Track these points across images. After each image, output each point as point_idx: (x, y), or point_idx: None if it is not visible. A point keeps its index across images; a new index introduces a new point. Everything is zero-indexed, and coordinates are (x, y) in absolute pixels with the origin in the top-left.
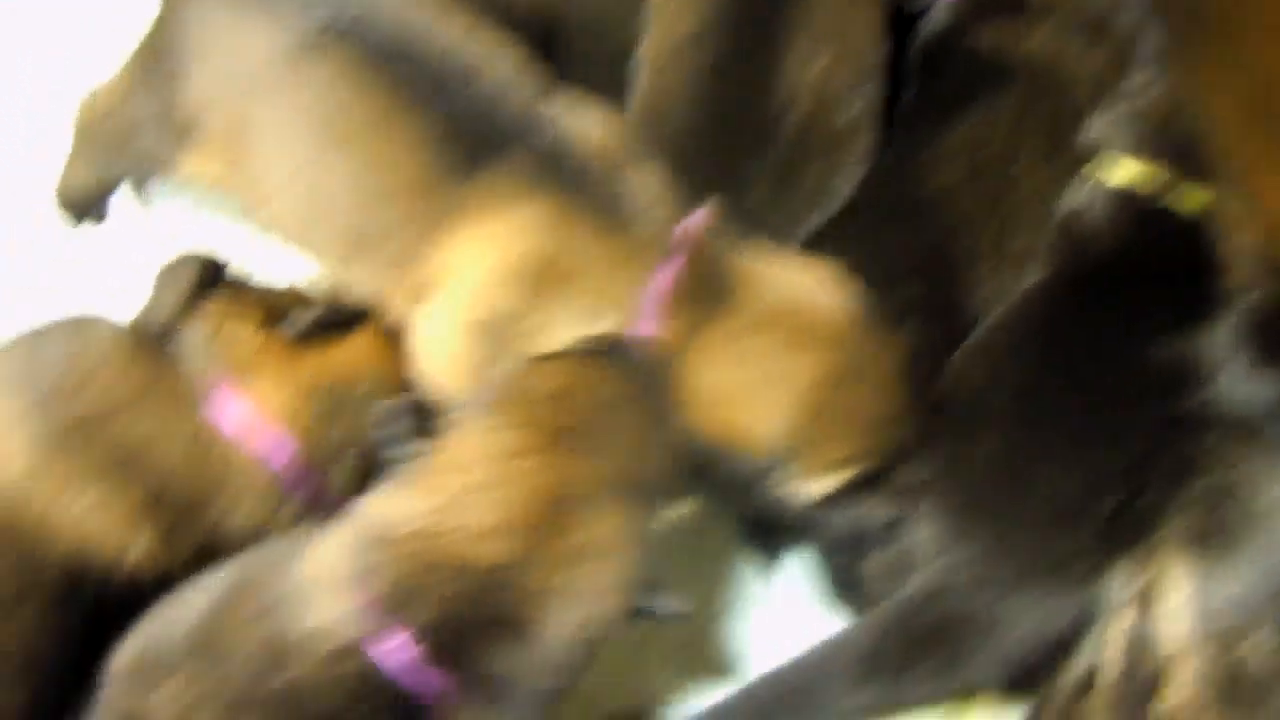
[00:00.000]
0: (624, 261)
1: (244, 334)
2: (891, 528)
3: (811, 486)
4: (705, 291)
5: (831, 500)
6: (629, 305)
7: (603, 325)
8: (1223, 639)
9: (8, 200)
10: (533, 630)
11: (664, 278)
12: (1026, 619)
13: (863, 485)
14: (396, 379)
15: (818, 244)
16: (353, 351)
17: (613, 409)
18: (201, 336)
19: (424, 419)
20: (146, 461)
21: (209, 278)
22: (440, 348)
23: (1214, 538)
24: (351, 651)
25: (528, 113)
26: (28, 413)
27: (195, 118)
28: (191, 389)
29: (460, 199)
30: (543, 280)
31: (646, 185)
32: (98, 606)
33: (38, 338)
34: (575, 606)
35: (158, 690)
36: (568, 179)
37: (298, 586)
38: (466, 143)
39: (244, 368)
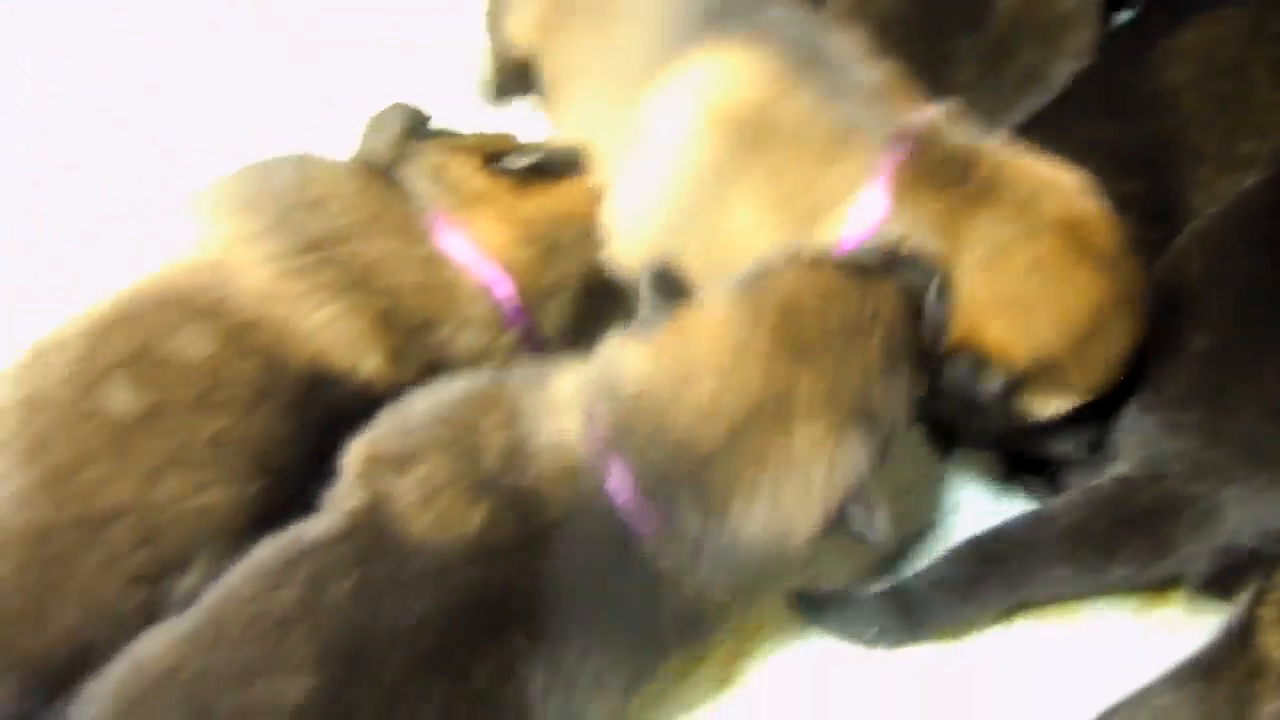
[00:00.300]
0: (844, 139)
1: (467, 172)
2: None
3: (1039, 407)
4: (954, 188)
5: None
6: (848, 187)
7: (813, 197)
8: None
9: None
10: (723, 516)
11: (891, 166)
12: (1246, 510)
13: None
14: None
15: (1029, 131)
16: (568, 197)
17: (860, 333)
18: (426, 173)
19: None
20: (379, 283)
21: (417, 125)
22: (635, 202)
23: None
24: (580, 472)
25: None
26: (269, 230)
27: None
28: (419, 220)
29: (685, 52)
30: (749, 134)
31: (885, 75)
32: (330, 412)
33: (270, 166)
34: (765, 508)
35: (406, 475)
36: (801, 44)
37: (542, 405)
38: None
39: (467, 204)
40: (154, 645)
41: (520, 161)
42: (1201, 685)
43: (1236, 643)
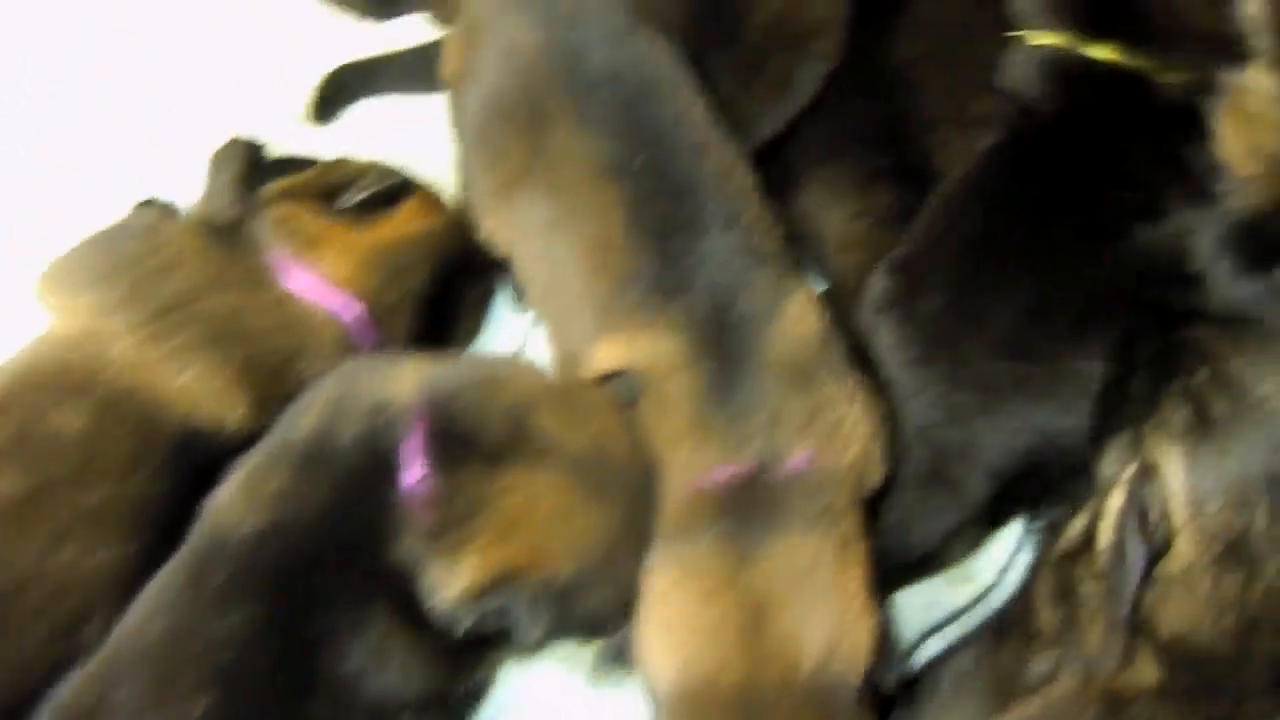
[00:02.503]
0: (695, 434)
1: (306, 217)
2: None
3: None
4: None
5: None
6: (674, 470)
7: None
8: (1217, 517)
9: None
10: None
11: (711, 478)
12: (996, 437)
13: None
14: (444, 236)
15: (801, 120)
16: (404, 219)
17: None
18: (268, 223)
19: None
20: (237, 333)
21: (255, 159)
22: None
23: (1207, 427)
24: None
25: (732, 273)
26: (125, 300)
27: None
28: (266, 267)
29: (624, 323)
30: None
31: (796, 407)
32: (202, 465)
33: (114, 234)
34: None
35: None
36: (716, 342)
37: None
38: (655, 282)
39: (310, 247)
40: (68, 691)
41: (354, 199)
42: (991, 648)
43: (1019, 610)
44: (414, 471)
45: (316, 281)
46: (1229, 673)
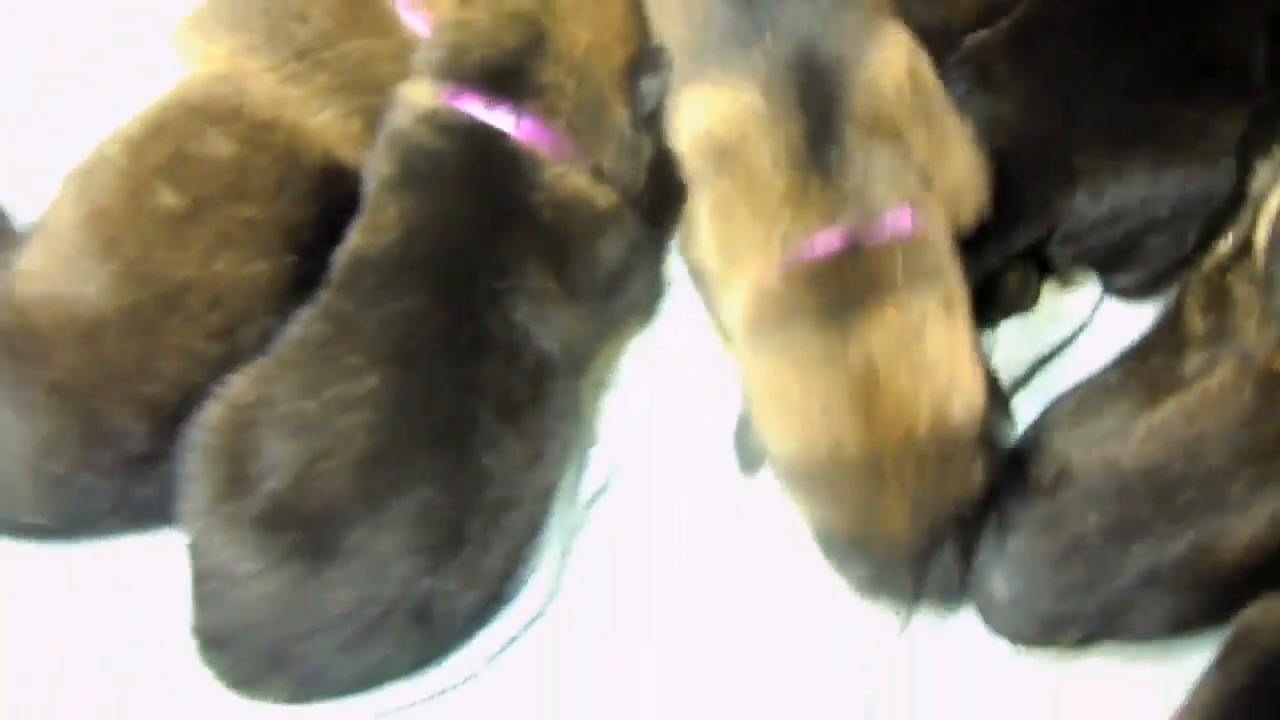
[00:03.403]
0: (793, 201)
1: None
2: None
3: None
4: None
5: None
6: (773, 244)
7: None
8: None
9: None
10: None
11: (814, 247)
12: (1094, 174)
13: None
14: None
15: None
16: None
17: None
18: None
19: None
20: (366, 80)
21: None
22: None
23: None
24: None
25: (817, 14)
26: (263, 44)
27: None
28: (391, 11)
29: (702, 78)
30: (715, 164)
31: (888, 161)
32: (347, 198)
33: None
34: None
35: None
36: (801, 96)
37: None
38: (732, 26)
39: None
40: (234, 384)
41: None
42: (1136, 361)
43: (1167, 326)
44: (505, 118)
45: (429, 22)
46: None
